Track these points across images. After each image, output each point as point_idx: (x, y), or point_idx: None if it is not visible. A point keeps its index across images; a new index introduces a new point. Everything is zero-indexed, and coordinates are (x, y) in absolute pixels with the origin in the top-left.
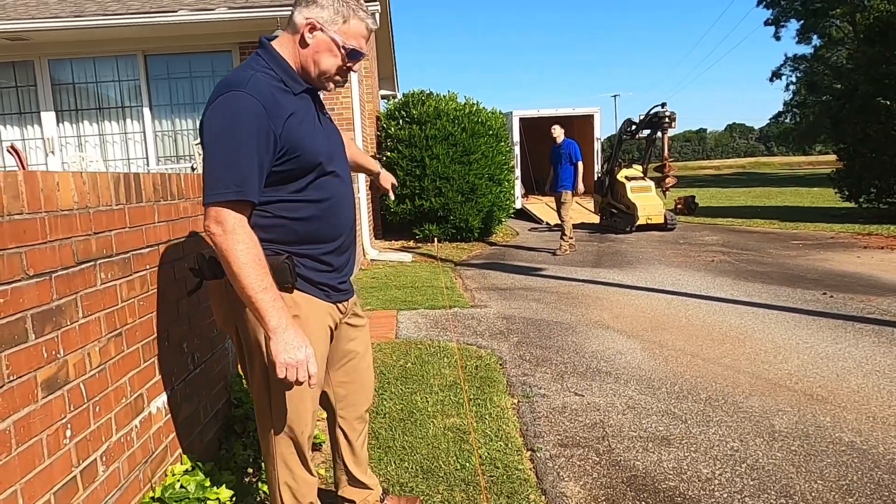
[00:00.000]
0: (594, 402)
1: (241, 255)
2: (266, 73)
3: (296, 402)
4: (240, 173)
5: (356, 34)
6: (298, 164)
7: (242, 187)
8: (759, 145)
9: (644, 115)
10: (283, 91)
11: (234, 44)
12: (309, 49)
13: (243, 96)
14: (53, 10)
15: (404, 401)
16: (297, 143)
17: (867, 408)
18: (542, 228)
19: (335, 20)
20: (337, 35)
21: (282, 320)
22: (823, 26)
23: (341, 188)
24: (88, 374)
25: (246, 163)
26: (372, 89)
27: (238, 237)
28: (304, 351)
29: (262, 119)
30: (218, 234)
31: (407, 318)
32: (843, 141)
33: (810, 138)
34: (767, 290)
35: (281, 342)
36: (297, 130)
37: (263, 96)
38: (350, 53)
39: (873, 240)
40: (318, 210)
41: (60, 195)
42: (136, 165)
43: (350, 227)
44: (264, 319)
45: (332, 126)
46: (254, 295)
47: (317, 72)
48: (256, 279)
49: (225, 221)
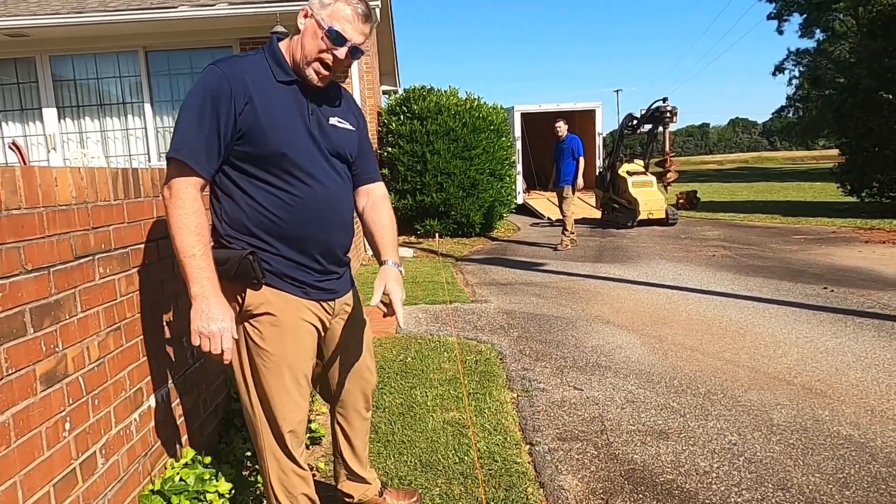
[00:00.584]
0: (593, 396)
1: (178, 219)
2: (256, 58)
3: (274, 396)
4: (185, 138)
5: (340, 17)
6: (258, 146)
7: (181, 149)
8: (762, 140)
9: (645, 110)
10: (262, 76)
11: (235, 39)
12: (299, 35)
13: (213, 70)
14: (54, 6)
15: (404, 395)
16: (256, 127)
17: (866, 402)
18: (543, 223)
19: (324, 4)
20: (322, 17)
21: (204, 289)
22: (826, 20)
23: (322, 190)
24: (87, 368)
25: (193, 130)
26: (373, 84)
27: (179, 202)
28: (218, 324)
29: (224, 91)
30: (165, 196)
31: (407, 313)
32: (846, 135)
33: (813, 133)
34: (768, 284)
35: (198, 311)
36: (262, 114)
37: (233, 72)
38: (329, 32)
39: (875, 234)
40: (288, 207)
41: (58, 190)
42: (137, 161)
43: (331, 229)
44: (188, 285)
45: (338, 133)
46: (182, 259)
47: (300, 56)
48: (188, 245)
49: (171, 185)
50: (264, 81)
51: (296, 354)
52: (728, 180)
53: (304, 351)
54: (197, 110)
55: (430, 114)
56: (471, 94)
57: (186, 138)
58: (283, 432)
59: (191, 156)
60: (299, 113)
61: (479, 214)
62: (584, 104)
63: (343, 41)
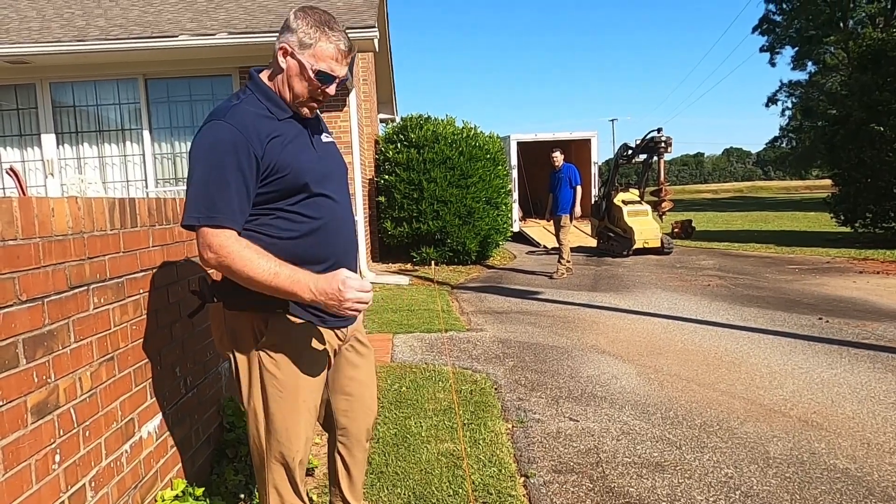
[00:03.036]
0: (589, 427)
1: (241, 263)
2: (250, 102)
3: (288, 427)
4: (215, 200)
5: (325, 56)
6: (284, 184)
7: (215, 213)
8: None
9: (640, 140)
10: (266, 118)
11: (234, 68)
12: (283, 74)
13: (221, 125)
14: (56, 34)
15: (398, 425)
16: (280, 163)
17: (862, 434)
18: (539, 251)
19: (304, 43)
20: (305, 59)
21: (310, 288)
22: (818, 53)
23: (336, 211)
24: (79, 399)
25: (222, 189)
26: (371, 113)
27: (229, 251)
28: (348, 289)
29: (241, 145)
30: (211, 257)
31: (402, 342)
32: (839, 166)
33: (806, 163)
34: (763, 314)
35: (326, 300)
36: (280, 151)
37: (242, 124)
38: (318, 75)
39: (869, 264)
40: (308, 230)
41: (55, 220)
42: (134, 188)
43: (345, 250)
44: (298, 297)
45: (331, 151)
46: (272, 283)
47: (290, 96)
48: (265, 270)
49: (218, 248)
50: (269, 122)
51: (309, 384)
52: (723, 209)
53: (317, 381)
54: (220, 169)
55: (427, 142)
56: (467, 122)
57: (221, 201)
58: (294, 464)
59: (230, 219)
60: (306, 142)
61: (476, 242)
62: (579, 133)
63: (332, 80)
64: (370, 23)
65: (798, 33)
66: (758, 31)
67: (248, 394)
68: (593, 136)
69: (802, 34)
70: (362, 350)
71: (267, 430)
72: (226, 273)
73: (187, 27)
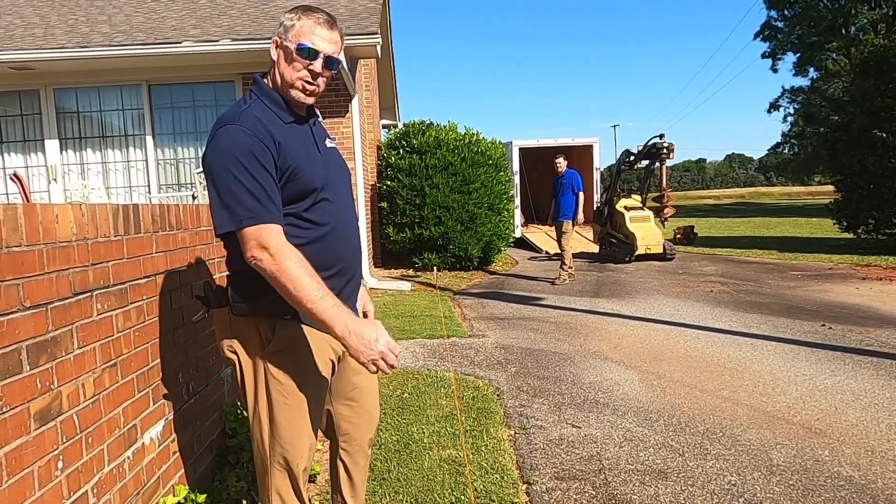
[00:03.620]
0: (591, 434)
1: (290, 273)
2: (257, 106)
3: (293, 433)
4: (248, 199)
5: (306, 32)
6: (297, 186)
7: (260, 214)
8: (759, 175)
9: (642, 146)
10: (273, 122)
11: (237, 74)
12: (275, 66)
13: (236, 128)
14: (60, 40)
15: (400, 432)
16: (293, 166)
17: (866, 441)
18: (541, 257)
19: (287, 27)
20: (289, 41)
21: (348, 323)
22: (819, 59)
23: (342, 215)
24: (82, 405)
25: (253, 188)
26: (373, 119)
27: (282, 257)
28: (381, 341)
29: (256, 145)
30: (265, 258)
31: (405, 348)
32: (841, 172)
33: (808, 169)
34: (766, 321)
35: (357, 343)
36: (293, 154)
37: (254, 126)
38: (299, 50)
39: (872, 271)
40: (317, 235)
41: (59, 227)
42: (137, 193)
43: (352, 256)
44: (331, 329)
45: (335, 156)
46: (311, 307)
47: (282, 84)
48: (313, 291)
49: (268, 246)
50: (277, 125)
51: (314, 391)
52: (725, 215)
53: (322, 388)
54: (246, 170)
55: (430, 148)
56: (469, 129)
57: (259, 199)
58: (297, 471)
59: (273, 216)
60: (312, 146)
61: (478, 248)
62: (581, 139)
63: (315, 54)
64: (373, 29)
65: (800, 39)
66: (759, 38)
67: (252, 400)
68: (595, 142)
69: (804, 40)
70: None
71: (271, 436)
72: (270, 276)
73: (191, 33)
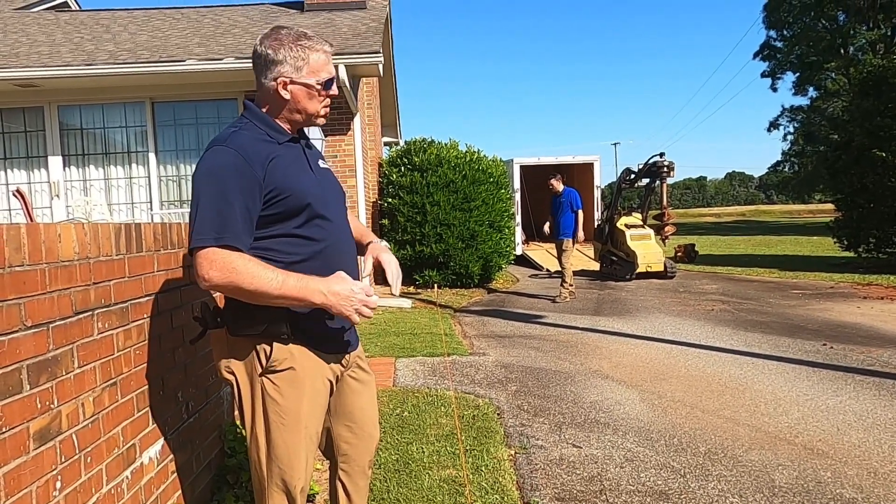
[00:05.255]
0: (592, 454)
1: (244, 277)
2: (249, 128)
3: (290, 454)
4: (221, 221)
5: (321, 66)
6: (287, 204)
7: (223, 233)
8: (759, 193)
9: (643, 165)
10: (266, 142)
11: (239, 91)
12: (290, 103)
13: (223, 149)
14: (65, 58)
15: (400, 451)
16: (283, 185)
17: (868, 463)
18: (542, 275)
19: (299, 67)
20: (307, 79)
21: (319, 291)
22: (819, 79)
23: (337, 233)
24: (81, 425)
25: (226, 211)
26: (375, 136)
27: (234, 266)
28: (356, 290)
29: (243, 168)
30: (216, 276)
31: (405, 366)
32: (841, 191)
33: (809, 187)
34: (767, 340)
35: (337, 302)
36: (282, 173)
37: (243, 148)
38: (324, 85)
39: (873, 290)
40: (312, 252)
41: (62, 246)
42: (139, 209)
43: (349, 272)
44: (309, 301)
45: (328, 175)
46: (279, 293)
47: (305, 117)
48: (270, 281)
49: (216, 262)
50: (269, 145)
51: (312, 411)
52: (726, 233)
53: (319, 408)
54: (223, 192)
55: (431, 166)
56: (471, 146)
57: (228, 223)
58: (295, 492)
59: (237, 240)
60: (305, 166)
61: (478, 265)
62: (582, 157)
63: (332, 81)
64: (375, 48)
65: (799, 59)
66: (759, 57)
67: (250, 420)
68: (596, 160)
69: (803, 60)
70: (364, 377)
71: (268, 456)
72: (232, 292)
73: (195, 52)
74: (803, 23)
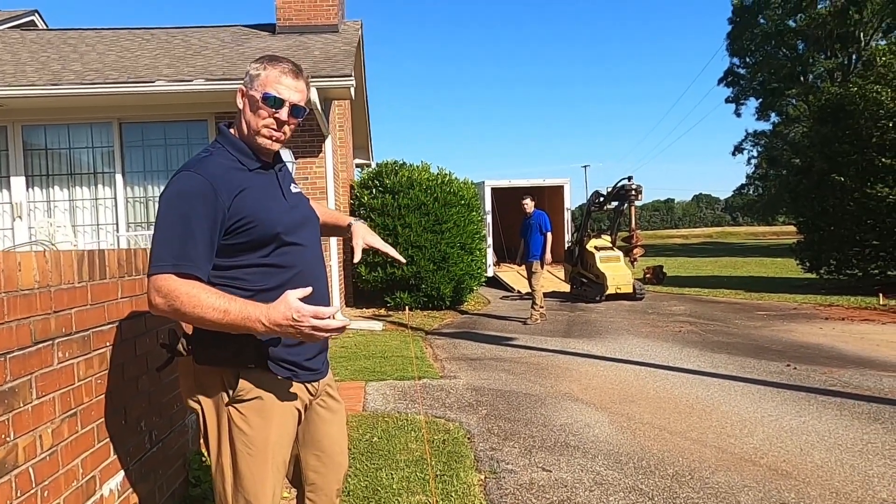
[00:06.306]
0: (562, 477)
1: (188, 303)
2: (221, 154)
3: (256, 485)
4: (180, 247)
5: (272, 81)
6: (254, 234)
7: (180, 260)
8: (725, 215)
9: (611, 188)
10: (237, 169)
11: (210, 113)
12: (240, 113)
13: (191, 176)
14: (31, 78)
15: (369, 477)
16: (251, 214)
17: (830, 483)
18: (513, 296)
19: (253, 76)
20: (255, 90)
21: (258, 320)
22: (780, 105)
23: (308, 259)
24: (38, 458)
25: (187, 238)
26: (346, 158)
27: (178, 292)
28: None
29: (209, 196)
30: (160, 302)
31: (375, 390)
32: (803, 214)
33: (773, 210)
34: (733, 361)
35: (282, 332)
36: (251, 203)
37: (212, 175)
38: (264, 98)
39: (834, 311)
40: (282, 281)
41: (22, 275)
42: (105, 231)
43: (319, 298)
44: (252, 330)
45: (301, 200)
46: (223, 320)
47: (249, 132)
48: (215, 310)
49: (161, 288)
50: (239, 174)
51: (279, 441)
52: (693, 255)
53: (287, 437)
54: (186, 218)
55: (402, 188)
56: (442, 169)
57: (187, 249)
58: None
59: (195, 267)
60: (277, 193)
61: (450, 288)
62: (552, 180)
63: (281, 103)
64: (346, 72)
65: (761, 86)
66: (723, 83)
67: (216, 450)
68: (566, 182)
69: (765, 86)
70: (333, 405)
71: (234, 487)
72: (177, 317)
73: (164, 73)
74: (765, 51)
